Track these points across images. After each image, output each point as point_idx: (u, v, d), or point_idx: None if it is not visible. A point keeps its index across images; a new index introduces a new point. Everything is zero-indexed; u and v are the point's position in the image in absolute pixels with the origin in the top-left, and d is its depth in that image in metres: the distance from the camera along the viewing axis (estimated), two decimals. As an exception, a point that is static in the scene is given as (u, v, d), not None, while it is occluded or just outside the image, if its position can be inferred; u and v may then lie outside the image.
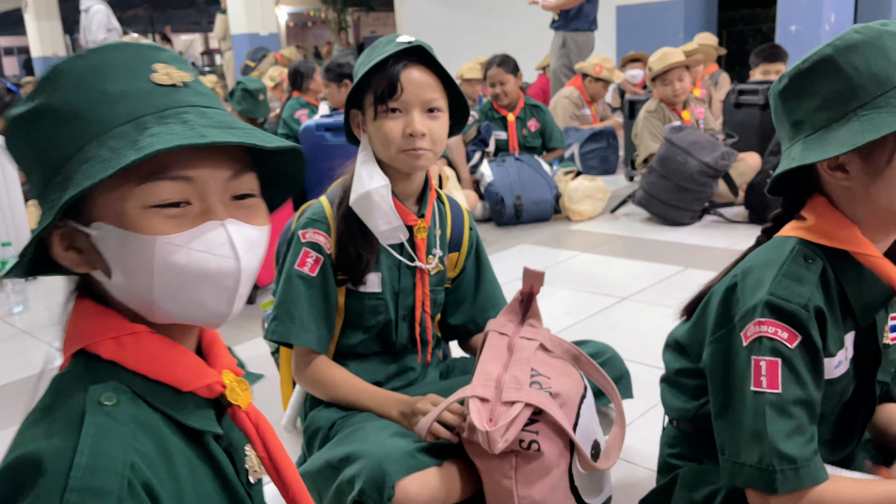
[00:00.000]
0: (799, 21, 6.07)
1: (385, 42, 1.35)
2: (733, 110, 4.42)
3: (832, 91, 0.92)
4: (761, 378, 0.95)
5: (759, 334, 0.95)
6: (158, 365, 0.69)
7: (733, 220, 3.72)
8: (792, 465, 0.92)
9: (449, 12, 10.25)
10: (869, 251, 0.97)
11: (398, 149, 1.32)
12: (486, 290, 1.58)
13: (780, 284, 0.96)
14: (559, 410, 1.19)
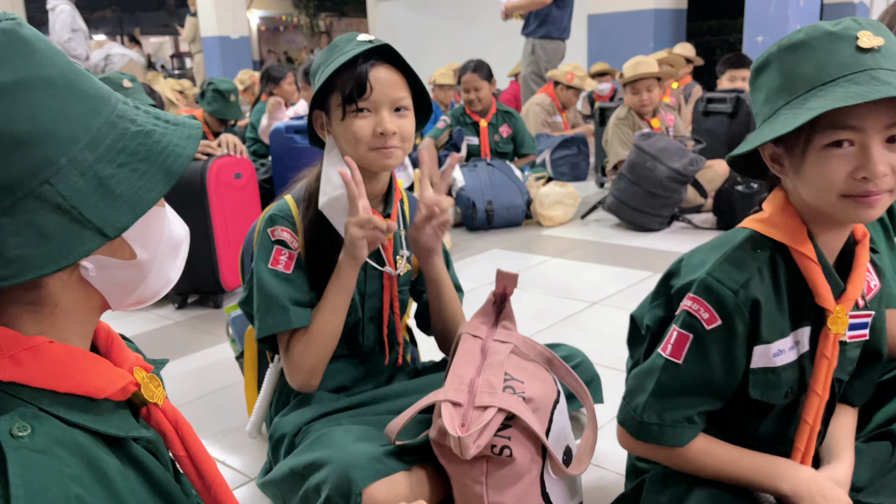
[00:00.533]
0: (765, 32, 6.18)
1: (345, 41, 1.33)
2: (702, 118, 4.48)
3: (770, 88, 0.96)
4: (669, 345, 1.05)
5: (685, 308, 1.03)
6: (67, 376, 0.63)
7: (701, 227, 3.76)
8: (657, 423, 1.05)
9: (421, 18, 10.26)
10: (806, 251, 0.99)
11: (368, 147, 1.31)
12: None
13: (719, 267, 1.01)
14: (532, 416, 1.18)
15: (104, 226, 0.58)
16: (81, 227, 0.57)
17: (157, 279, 0.69)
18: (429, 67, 6.81)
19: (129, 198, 0.59)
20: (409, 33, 10.31)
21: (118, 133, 0.60)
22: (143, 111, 0.64)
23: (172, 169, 0.61)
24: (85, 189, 0.57)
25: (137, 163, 0.60)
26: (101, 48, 6.87)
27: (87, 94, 0.60)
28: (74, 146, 0.58)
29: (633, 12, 7.75)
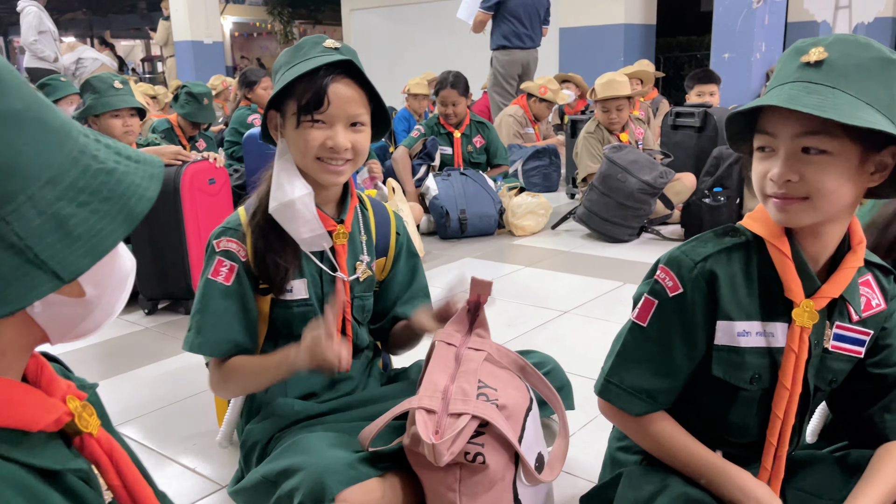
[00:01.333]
0: (731, 49, 6.31)
1: (310, 45, 1.32)
2: (671, 132, 4.56)
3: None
4: (637, 309, 1.13)
5: (655, 277, 1.11)
6: (2, 409, 0.60)
7: (669, 238, 3.83)
8: (616, 384, 1.13)
9: (395, 27, 10.29)
10: (780, 245, 1.04)
11: (314, 157, 1.31)
12: (411, 291, 1.57)
13: (688, 244, 1.10)
14: (506, 423, 1.19)
15: (60, 269, 0.54)
16: (35, 269, 0.54)
17: (102, 314, 0.67)
18: (402, 76, 6.84)
19: (88, 240, 0.55)
20: (383, 42, 10.33)
21: (80, 170, 0.57)
22: (103, 145, 0.61)
23: (135, 211, 0.58)
24: (42, 229, 0.54)
25: (99, 203, 0.57)
26: (72, 51, 6.76)
27: (51, 128, 0.57)
28: (35, 183, 0.54)
29: (604, 26, 7.87)
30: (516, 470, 1.21)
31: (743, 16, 6.17)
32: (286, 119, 1.32)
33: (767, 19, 6.21)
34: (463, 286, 1.36)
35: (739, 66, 6.23)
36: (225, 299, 1.34)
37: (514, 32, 5.87)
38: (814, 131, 0.94)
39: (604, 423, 1.86)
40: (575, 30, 8.10)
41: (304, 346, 1.23)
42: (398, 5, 10.21)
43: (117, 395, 2.12)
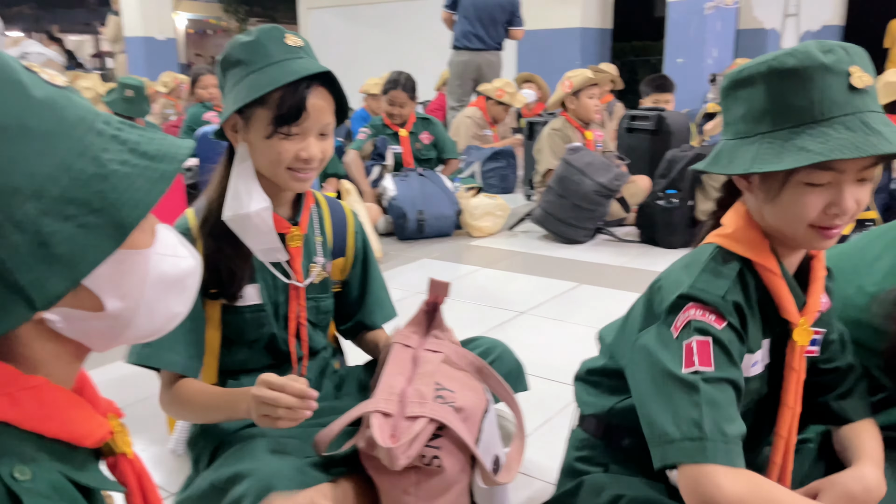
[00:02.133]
0: (684, 55, 6.45)
1: (269, 40, 1.25)
2: (626, 135, 4.63)
3: (753, 107, 0.96)
4: (693, 358, 0.95)
5: (688, 318, 0.98)
6: (57, 421, 0.60)
7: (624, 239, 3.88)
8: (723, 439, 0.91)
9: (352, 27, 10.23)
10: (770, 266, 1.01)
11: (286, 167, 1.27)
12: (372, 292, 1.56)
13: (699, 279, 1.00)
14: (462, 426, 1.19)
15: (35, 295, 0.51)
16: (11, 295, 0.51)
17: (151, 319, 0.63)
18: (359, 75, 6.79)
19: (69, 260, 0.52)
20: (341, 41, 10.25)
21: (72, 178, 0.53)
22: (118, 141, 0.56)
23: (125, 222, 0.54)
24: (23, 248, 0.51)
25: (86, 215, 0.52)
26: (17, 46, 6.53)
27: (37, 135, 0.52)
28: (15, 198, 0.51)
29: (562, 30, 7.95)
30: (473, 473, 1.21)
31: (695, 22, 6.30)
32: (251, 126, 1.26)
33: (719, 26, 6.35)
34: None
35: (692, 71, 6.37)
36: None
37: (464, 33, 5.94)
38: (875, 162, 0.93)
39: (559, 424, 1.88)
40: (533, 33, 8.16)
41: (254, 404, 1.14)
42: (355, 5, 10.15)
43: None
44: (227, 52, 1.29)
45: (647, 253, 3.65)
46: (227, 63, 1.29)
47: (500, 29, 5.99)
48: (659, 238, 3.71)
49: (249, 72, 1.24)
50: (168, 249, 0.64)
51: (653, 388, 0.98)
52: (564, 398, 2.02)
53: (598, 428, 1.22)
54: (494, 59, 6.05)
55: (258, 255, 1.33)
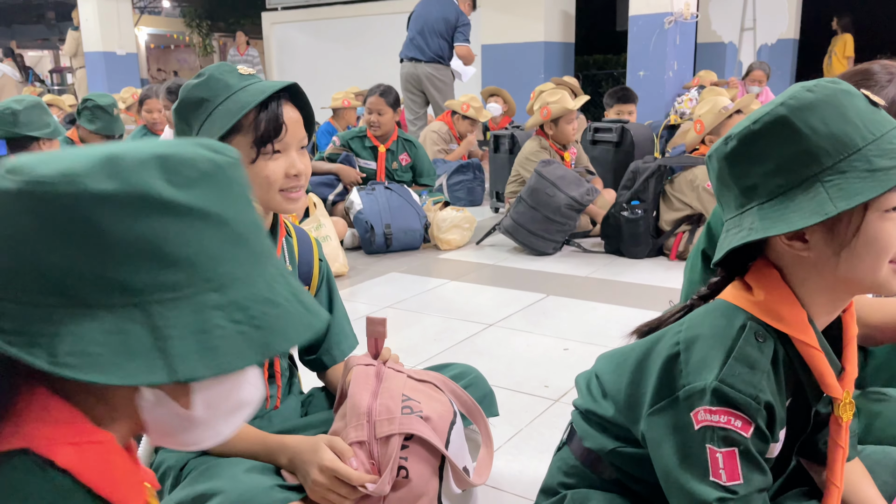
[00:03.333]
0: (646, 67, 6.56)
1: (229, 74, 1.25)
2: (589, 147, 4.69)
3: (789, 154, 0.87)
4: (720, 471, 0.89)
5: (711, 423, 0.90)
6: (110, 480, 0.60)
7: (591, 251, 3.91)
8: None
9: (316, 42, 10.21)
10: (809, 340, 0.92)
11: (278, 189, 1.26)
12: (337, 323, 1.54)
13: (731, 370, 0.89)
14: (432, 432, 1.19)
15: (178, 366, 0.54)
16: (158, 356, 0.54)
17: (204, 433, 0.65)
18: (323, 89, 6.79)
19: (219, 355, 0.56)
20: (305, 56, 10.23)
21: (249, 292, 0.58)
22: (286, 283, 0.62)
23: (271, 347, 0.58)
24: (188, 327, 0.55)
25: (249, 327, 0.57)
26: None
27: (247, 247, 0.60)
28: (205, 285, 0.56)
29: (525, 44, 8.04)
30: (441, 483, 1.20)
31: (655, 36, 6.42)
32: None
33: (678, 39, 6.48)
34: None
35: (653, 84, 6.48)
36: None
37: (405, 42, 6.01)
38: None
39: (530, 435, 1.88)
40: (497, 46, 8.25)
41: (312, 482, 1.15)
42: (319, 19, 10.14)
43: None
44: (185, 97, 1.27)
45: (612, 263, 3.69)
46: (187, 107, 1.26)
47: (441, 42, 5.96)
48: (624, 249, 3.75)
49: (215, 105, 1.24)
50: (254, 378, 0.67)
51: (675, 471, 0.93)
52: (533, 410, 2.02)
53: (588, 457, 1.16)
54: (435, 72, 5.98)
55: None
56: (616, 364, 1.11)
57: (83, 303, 0.54)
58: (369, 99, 4.17)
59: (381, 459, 1.15)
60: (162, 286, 0.55)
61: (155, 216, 0.56)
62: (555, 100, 4.12)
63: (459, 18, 5.92)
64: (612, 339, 1.13)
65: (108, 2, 10.12)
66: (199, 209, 0.57)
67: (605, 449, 1.12)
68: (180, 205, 0.57)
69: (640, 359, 1.03)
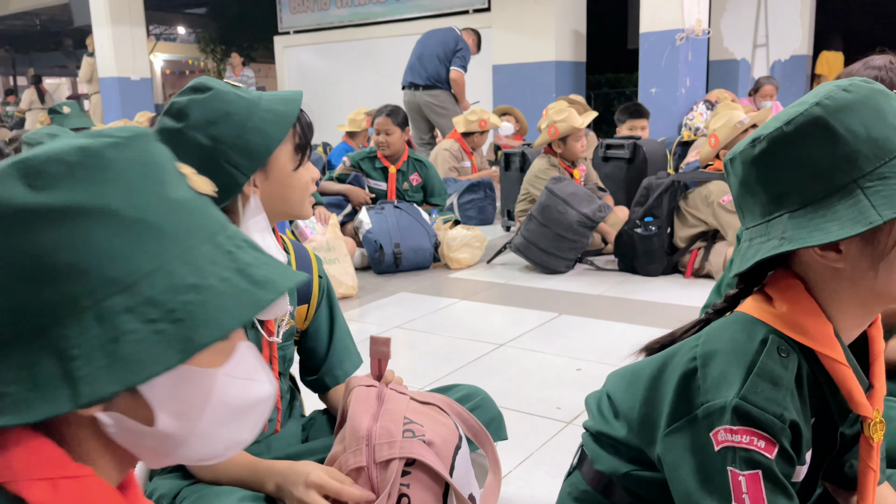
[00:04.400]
0: (658, 84, 6.52)
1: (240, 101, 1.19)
2: (601, 164, 4.63)
3: (826, 158, 0.81)
4: (743, 496, 0.82)
5: (732, 444, 0.83)
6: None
7: (604, 269, 3.84)
8: None
9: (328, 65, 10.28)
10: (836, 356, 0.86)
11: (307, 195, 1.31)
12: (339, 340, 1.49)
13: (753, 387, 0.83)
14: (434, 457, 1.13)
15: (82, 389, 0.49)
16: (62, 384, 0.49)
17: (208, 444, 0.59)
18: (336, 112, 6.81)
19: (130, 363, 0.50)
20: (317, 78, 10.29)
21: (168, 283, 0.52)
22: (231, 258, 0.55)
23: (196, 340, 0.51)
24: (96, 340, 0.50)
25: (166, 323, 0.51)
26: None
27: (153, 232, 0.53)
28: (108, 288, 0.50)
29: (536, 63, 8.03)
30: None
31: (667, 53, 6.39)
32: (273, 169, 1.23)
33: (690, 55, 6.44)
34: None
35: (666, 100, 6.43)
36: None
37: (406, 68, 6.15)
38: None
39: (541, 459, 1.81)
40: (508, 66, 8.25)
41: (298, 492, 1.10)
42: (331, 42, 10.21)
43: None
44: (206, 112, 1.17)
45: (626, 281, 3.61)
46: (203, 125, 1.17)
47: (439, 66, 6.03)
48: (638, 266, 3.68)
49: (247, 117, 1.18)
50: (241, 372, 0.60)
51: (696, 495, 0.87)
52: (545, 433, 1.95)
53: (602, 483, 1.09)
54: (433, 99, 6.04)
55: (264, 315, 1.26)
56: (628, 382, 1.05)
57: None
58: (377, 120, 4.15)
59: (381, 486, 1.09)
60: (57, 304, 0.50)
61: (22, 229, 0.50)
62: (562, 118, 4.08)
63: (458, 43, 6.01)
64: (626, 359, 1.07)
65: (123, 27, 10.27)
66: (73, 206, 0.51)
67: (617, 472, 1.05)
68: (47, 207, 0.50)
69: (653, 376, 0.97)
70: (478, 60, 6.96)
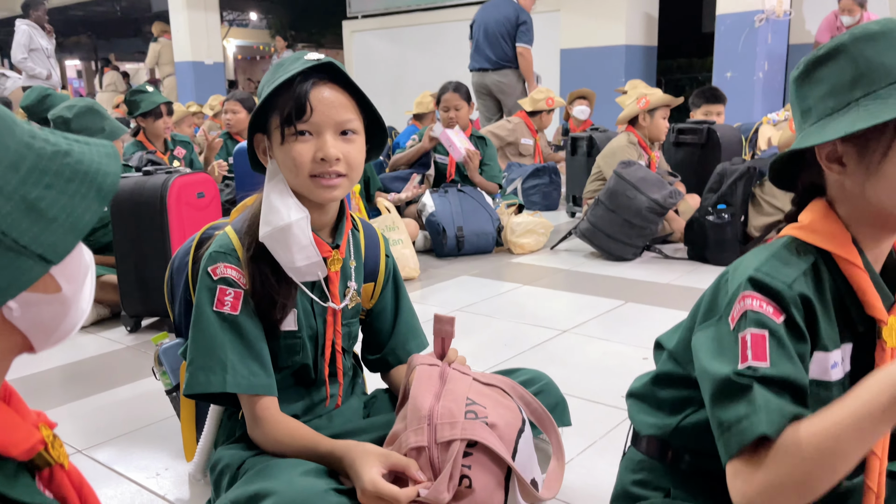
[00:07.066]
0: (734, 68, 6.28)
1: (291, 60, 1.23)
2: (672, 149, 4.48)
3: (840, 79, 0.89)
4: (747, 352, 0.86)
5: (744, 308, 0.89)
6: None
7: (673, 257, 3.72)
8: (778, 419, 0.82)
9: (396, 49, 10.30)
10: (851, 258, 0.91)
11: (308, 174, 1.20)
12: (404, 321, 1.47)
13: (766, 263, 0.91)
14: (497, 440, 1.10)
15: (44, 251, 0.52)
16: (18, 256, 0.51)
17: (76, 312, 0.63)
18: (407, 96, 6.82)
19: (65, 220, 0.53)
20: (385, 63, 10.33)
21: (36, 154, 0.55)
22: (48, 131, 0.59)
23: (104, 187, 0.56)
24: (13, 213, 0.52)
25: (65, 183, 0.54)
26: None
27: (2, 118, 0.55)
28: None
29: (605, 48, 7.85)
30: (506, 495, 1.11)
31: (745, 35, 6.13)
32: (272, 138, 1.22)
33: (770, 39, 6.17)
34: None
35: (742, 85, 6.19)
36: (235, 330, 1.23)
37: (471, 54, 6.12)
38: None
39: (605, 447, 1.76)
40: (576, 51, 8.09)
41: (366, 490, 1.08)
42: (398, 27, 10.23)
43: (91, 416, 2.01)
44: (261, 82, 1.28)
45: (696, 270, 3.49)
46: (258, 93, 1.27)
47: (505, 45, 5.94)
48: (709, 255, 3.55)
49: (263, 88, 1.23)
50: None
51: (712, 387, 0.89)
52: (609, 421, 1.90)
53: (656, 448, 1.11)
54: (503, 78, 5.98)
55: (295, 276, 1.26)
56: (674, 326, 1.12)
57: None
58: (444, 96, 4.15)
59: (441, 466, 1.07)
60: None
61: None
62: (652, 91, 3.97)
63: (520, 16, 5.91)
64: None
65: (198, 13, 10.54)
66: None
67: (668, 429, 1.08)
68: None
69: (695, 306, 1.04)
70: (545, 45, 6.85)
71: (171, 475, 1.70)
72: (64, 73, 22.25)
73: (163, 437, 1.90)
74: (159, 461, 1.76)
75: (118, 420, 1.99)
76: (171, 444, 1.83)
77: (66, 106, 3.10)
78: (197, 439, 1.48)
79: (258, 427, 1.25)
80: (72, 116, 3.03)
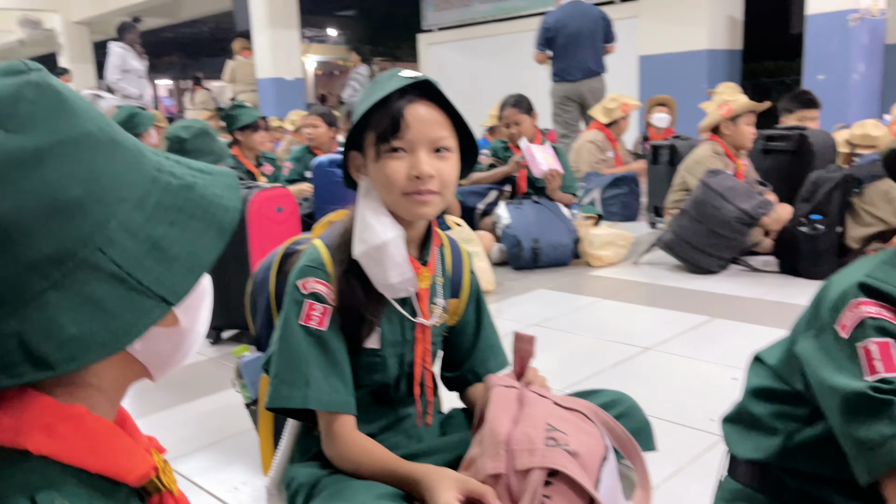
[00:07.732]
0: (826, 70, 5.97)
1: (387, 77, 1.23)
2: (760, 157, 4.27)
3: None
4: (875, 363, 0.80)
5: (860, 316, 0.83)
6: (99, 454, 0.56)
7: (762, 270, 3.54)
8: None
9: (470, 62, 10.33)
10: None
11: (401, 192, 1.19)
12: (485, 338, 1.44)
13: (878, 269, 0.85)
14: (579, 469, 1.04)
15: (165, 292, 0.53)
16: (140, 296, 0.52)
17: (192, 340, 0.64)
18: (482, 109, 6.79)
19: (186, 259, 0.54)
20: (461, 76, 10.36)
21: (161, 188, 0.56)
22: (174, 161, 0.60)
23: (224, 224, 0.57)
24: (138, 253, 0.52)
25: (187, 220, 0.55)
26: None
27: (127, 148, 0.55)
28: (123, 206, 0.53)
29: (686, 53, 7.62)
30: (590, 527, 1.05)
31: (838, 36, 5.83)
32: (366, 155, 1.23)
33: (866, 39, 5.84)
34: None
35: (835, 88, 5.87)
36: (321, 346, 1.22)
37: (561, 69, 6.01)
38: None
39: (692, 473, 1.66)
40: (655, 57, 7.89)
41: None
42: (473, 38, 10.25)
43: (173, 428, 2.06)
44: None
45: (787, 284, 3.30)
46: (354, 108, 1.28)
47: (596, 50, 5.91)
48: (801, 268, 3.35)
49: (359, 106, 1.23)
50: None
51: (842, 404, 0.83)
52: (697, 445, 1.80)
53: (756, 475, 1.04)
54: (598, 84, 5.98)
55: (388, 293, 1.25)
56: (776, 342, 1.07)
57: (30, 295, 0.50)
58: (504, 113, 4.09)
59: (519, 495, 1.02)
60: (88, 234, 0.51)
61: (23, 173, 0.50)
62: (735, 97, 3.80)
63: (605, 17, 5.93)
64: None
65: (280, 31, 10.88)
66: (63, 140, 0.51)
67: (771, 450, 1.01)
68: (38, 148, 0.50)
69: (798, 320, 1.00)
70: (623, 52, 6.70)
71: (248, 490, 1.71)
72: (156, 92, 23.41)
73: (242, 450, 1.92)
74: (238, 475, 1.78)
75: (199, 432, 2.03)
76: (249, 458, 1.85)
77: (182, 126, 3.28)
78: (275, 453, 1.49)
79: (334, 445, 1.23)
80: (188, 137, 3.20)
